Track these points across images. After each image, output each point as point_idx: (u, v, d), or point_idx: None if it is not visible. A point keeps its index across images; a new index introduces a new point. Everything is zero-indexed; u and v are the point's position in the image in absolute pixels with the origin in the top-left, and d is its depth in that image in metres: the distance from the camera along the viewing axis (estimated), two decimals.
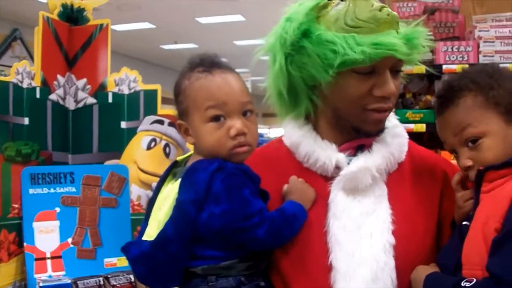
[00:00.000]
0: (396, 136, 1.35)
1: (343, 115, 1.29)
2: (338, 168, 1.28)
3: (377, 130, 1.30)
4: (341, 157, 1.28)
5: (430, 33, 2.71)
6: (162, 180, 1.32)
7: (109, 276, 2.31)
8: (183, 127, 1.25)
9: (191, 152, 1.34)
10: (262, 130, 14.92)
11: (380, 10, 1.20)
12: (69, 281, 2.27)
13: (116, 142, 2.57)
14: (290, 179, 1.29)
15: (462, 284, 1.07)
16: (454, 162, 1.31)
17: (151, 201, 1.32)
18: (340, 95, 1.26)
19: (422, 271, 1.19)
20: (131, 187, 2.48)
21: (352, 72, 1.21)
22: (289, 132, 1.37)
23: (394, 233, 1.23)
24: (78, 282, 2.33)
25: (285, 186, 1.29)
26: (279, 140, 1.41)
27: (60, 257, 2.33)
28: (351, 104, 1.26)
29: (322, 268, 1.21)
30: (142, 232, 1.28)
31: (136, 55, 12.90)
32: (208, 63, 1.25)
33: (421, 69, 2.57)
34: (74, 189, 2.39)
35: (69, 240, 2.36)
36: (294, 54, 1.24)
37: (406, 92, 2.75)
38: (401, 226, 1.25)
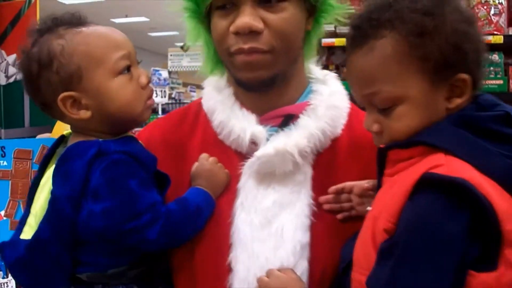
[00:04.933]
0: (330, 108, 1.09)
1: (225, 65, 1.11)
2: (255, 144, 1.06)
3: (255, 78, 1.05)
4: (259, 130, 1.06)
5: (353, 7, 2.82)
6: (47, 160, 1.11)
7: None
8: (70, 100, 1.01)
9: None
10: None
11: None
12: None
13: (47, 116, 2.61)
14: (200, 157, 1.08)
15: None
16: None
17: (33, 185, 1.09)
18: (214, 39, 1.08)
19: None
20: None
21: (216, 10, 1.06)
22: (208, 94, 1.15)
23: (312, 229, 1.02)
24: None
25: (194, 166, 1.08)
26: (199, 102, 1.18)
27: None
28: (219, 48, 1.08)
29: (221, 269, 1.02)
30: (22, 223, 1.08)
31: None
32: (70, 20, 1.06)
33: (343, 41, 2.70)
34: (5, 163, 2.44)
35: (2, 212, 2.41)
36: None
37: (329, 64, 2.87)
38: (322, 220, 1.03)
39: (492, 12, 2.81)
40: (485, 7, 2.78)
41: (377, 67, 0.87)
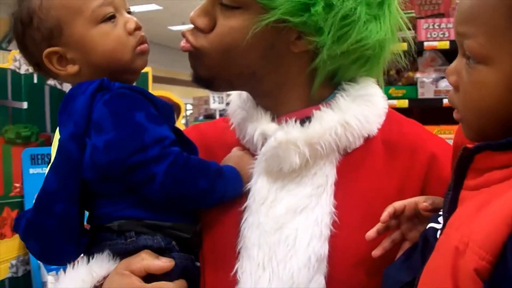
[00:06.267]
0: (358, 99, 0.94)
1: None
2: None
3: (192, 69, 0.99)
4: (270, 128, 0.93)
5: (413, 11, 2.77)
6: None
7: None
8: (56, 55, 0.98)
9: None
10: None
11: None
12: None
13: None
14: (232, 150, 1.01)
15: None
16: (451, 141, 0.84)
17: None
18: None
19: None
20: None
21: None
22: (234, 96, 1.07)
23: (332, 241, 0.87)
24: None
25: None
26: None
27: None
28: None
29: (228, 280, 0.90)
30: None
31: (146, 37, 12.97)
32: None
33: (404, 46, 2.66)
34: None
35: None
36: None
37: (390, 69, 2.85)
38: (345, 231, 0.88)
39: None
40: None
41: (481, 9, 0.66)
